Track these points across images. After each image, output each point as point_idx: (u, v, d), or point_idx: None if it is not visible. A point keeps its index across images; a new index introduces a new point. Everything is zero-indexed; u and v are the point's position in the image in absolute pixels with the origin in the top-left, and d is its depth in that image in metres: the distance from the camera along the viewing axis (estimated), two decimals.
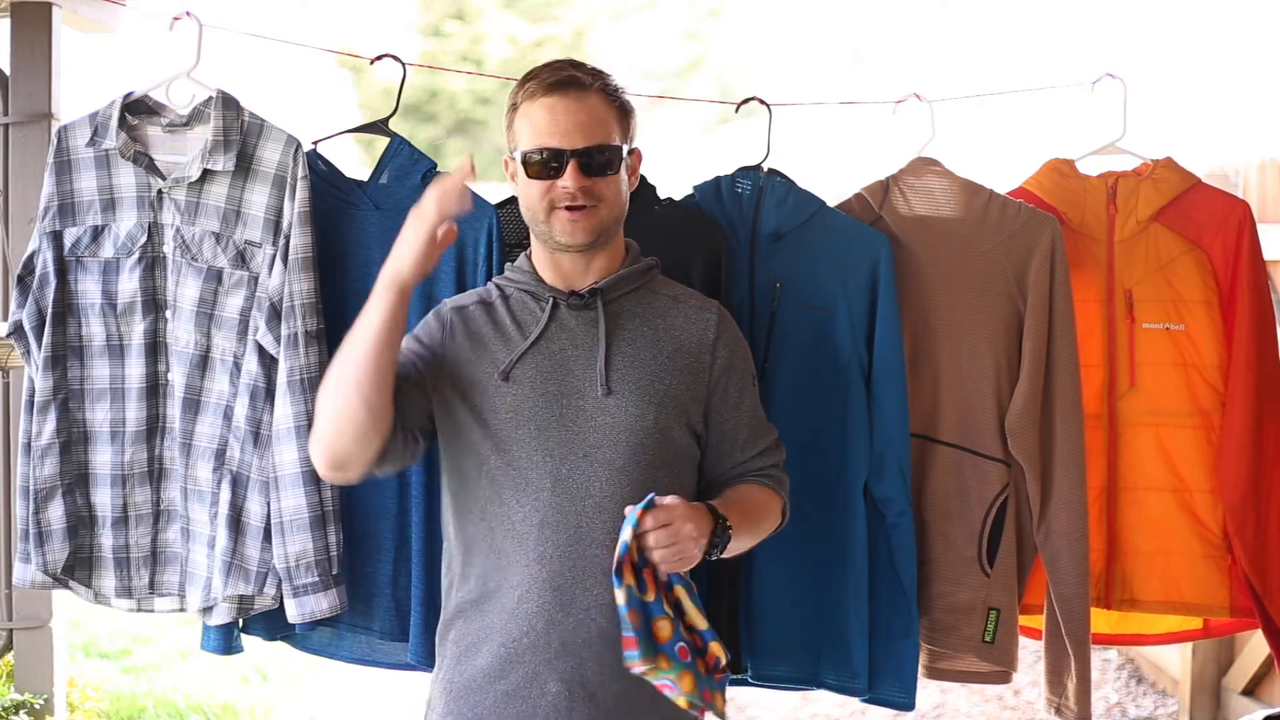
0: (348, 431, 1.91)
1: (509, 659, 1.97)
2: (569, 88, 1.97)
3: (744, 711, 4.77)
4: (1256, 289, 2.65)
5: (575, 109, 1.96)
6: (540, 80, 1.98)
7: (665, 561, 1.84)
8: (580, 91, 1.97)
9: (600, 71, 2.01)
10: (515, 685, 1.96)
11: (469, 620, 2.01)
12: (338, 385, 1.92)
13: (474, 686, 1.99)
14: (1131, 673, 5.04)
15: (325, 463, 1.96)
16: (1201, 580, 2.69)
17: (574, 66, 2.00)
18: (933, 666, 2.64)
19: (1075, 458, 2.55)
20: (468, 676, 2.00)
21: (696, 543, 1.86)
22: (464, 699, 2.00)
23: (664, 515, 1.84)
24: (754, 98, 2.62)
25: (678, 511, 1.85)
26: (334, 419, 1.92)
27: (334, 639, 2.57)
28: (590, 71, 2.00)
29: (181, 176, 2.45)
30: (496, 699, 1.97)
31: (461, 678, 2.01)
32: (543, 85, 1.98)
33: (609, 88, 2.01)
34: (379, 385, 1.90)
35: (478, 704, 1.99)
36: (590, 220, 1.98)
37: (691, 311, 2.07)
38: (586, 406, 1.98)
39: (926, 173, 2.61)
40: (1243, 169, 4.39)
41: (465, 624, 2.02)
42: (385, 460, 1.97)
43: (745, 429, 2.08)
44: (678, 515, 1.84)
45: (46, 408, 2.49)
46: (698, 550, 1.87)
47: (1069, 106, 2.94)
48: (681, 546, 1.84)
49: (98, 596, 2.57)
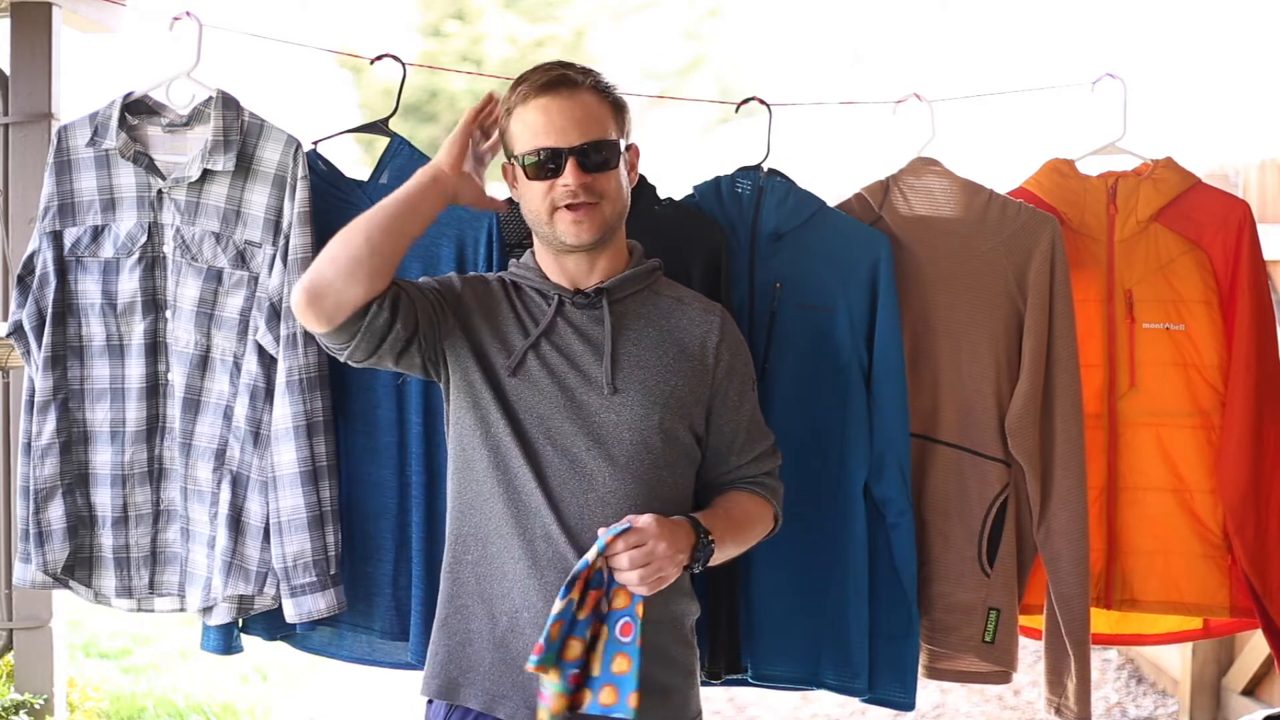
0: (340, 259, 1.91)
1: (509, 629, 1.98)
2: (561, 86, 1.98)
3: (744, 711, 4.76)
4: (1256, 289, 2.64)
5: (569, 107, 1.97)
6: (532, 82, 1.99)
7: (643, 582, 1.85)
8: (572, 89, 1.98)
9: (590, 69, 2.02)
10: (513, 655, 1.98)
11: (469, 611, 2.02)
12: (345, 229, 1.95)
13: (470, 650, 2.01)
14: (1131, 673, 5.04)
15: (304, 287, 1.92)
16: (1201, 580, 2.69)
17: (564, 66, 2.01)
18: (933, 666, 2.63)
19: (1075, 458, 2.55)
20: (461, 639, 2.02)
21: (673, 559, 1.88)
22: (456, 662, 2.02)
23: (635, 538, 1.86)
24: (754, 98, 2.62)
25: (651, 532, 1.86)
26: (330, 250, 1.94)
27: (334, 638, 2.57)
28: (581, 70, 2.01)
29: (181, 176, 2.45)
30: (493, 665, 1.99)
31: (453, 640, 2.02)
32: (534, 87, 1.98)
33: (600, 84, 2.01)
34: (387, 231, 1.93)
35: (472, 668, 2.00)
36: (594, 217, 1.98)
37: (695, 314, 2.08)
38: (592, 404, 1.98)
39: (926, 173, 2.61)
40: (1243, 169, 4.38)
41: (462, 616, 2.03)
42: (358, 323, 1.93)
43: (743, 433, 2.08)
44: (651, 535, 1.86)
45: (47, 408, 2.49)
46: (674, 567, 1.89)
47: (1069, 106, 2.94)
48: (657, 565, 1.86)
49: (98, 596, 2.57)
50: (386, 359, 1.99)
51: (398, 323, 1.95)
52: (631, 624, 1.87)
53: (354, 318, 1.92)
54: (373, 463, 2.51)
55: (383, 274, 1.92)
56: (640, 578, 1.85)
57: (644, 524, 1.87)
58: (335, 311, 1.92)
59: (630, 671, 1.86)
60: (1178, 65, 5.09)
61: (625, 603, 1.88)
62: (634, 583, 1.85)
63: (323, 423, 2.43)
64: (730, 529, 2.00)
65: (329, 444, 2.44)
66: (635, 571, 1.85)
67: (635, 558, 1.84)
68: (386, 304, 1.94)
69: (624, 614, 1.87)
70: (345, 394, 2.50)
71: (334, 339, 1.95)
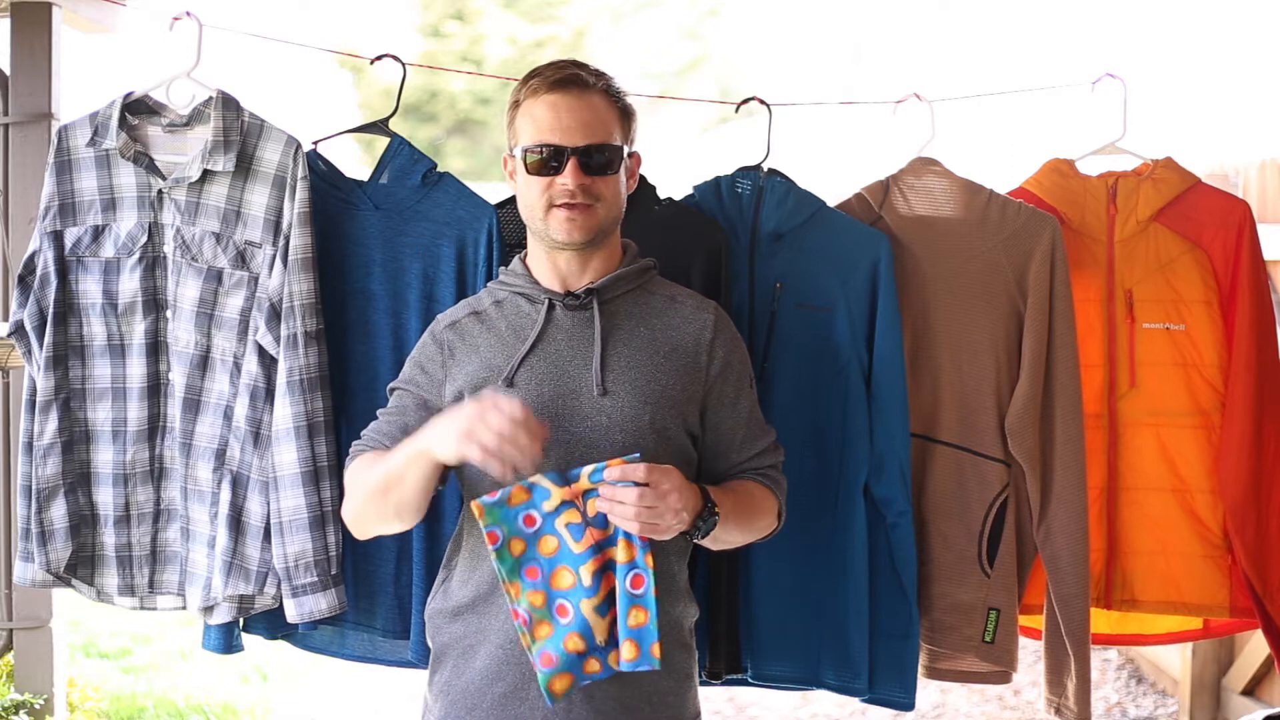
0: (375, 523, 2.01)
1: (506, 660, 1.96)
2: (572, 86, 1.97)
3: (744, 711, 4.76)
4: (1256, 289, 2.65)
5: (578, 107, 1.97)
6: (544, 78, 1.99)
7: (637, 519, 1.81)
8: (583, 90, 1.98)
9: (604, 73, 2.02)
10: (512, 687, 1.96)
11: (466, 623, 2.01)
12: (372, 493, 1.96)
13: (471, 689, 1.99)
14: (1131, 673, 5.05)
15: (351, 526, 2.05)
16: (1201, 580, 2.69)
17: (578, 66, 2.00)
18: (933, 666, 2.63)
19: (1075, 458, 2.55)
20: (465, 680, 2.00)
21: (677, 515, 1.84)
22: (461, 702, 2.00)
23: (660, 475, 1.83)
24: (754, 98, 2.62)
25: (673, 477, 1.84)
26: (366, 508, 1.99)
27: (336, 637, 2.57)
28: (594, 72, 2.01)
29: (182, 177, 2.45)
30: (494, 700, 1.97)
31: (459, 681, 2.00)
32: (546, 83, 1.98)
33: (612, 89, 2.01)
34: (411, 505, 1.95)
35: (475, 706, 1.98)
36: (588, 219, 1.98)
37: (688, 312, 2.07)
38: (582, 406, 1.97)
39: (926, 173, 2.61)
40: (1243, 169, 4.39)
41: (463, 626, 2.01)
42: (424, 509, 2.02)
43: (742, 430, 2.07)
44: (671, 482, 1.84)
45: (48, 407, 2.49)
46: (676, 523, 1.85)
47: (1069, 106, 2.94)
48: (659, 510, 1.82)
49: (100, 595, 2.57)
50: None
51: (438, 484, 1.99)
52: (643, 575, 1.84)
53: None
54: None
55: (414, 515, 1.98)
56: (636, 513, 1.81)
57: (666, 468, 1.85)
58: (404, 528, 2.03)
59: (649, 623, 1.83)
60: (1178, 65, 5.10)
61: (632, 555, 1.84)
62: (628, 517, 1.81)
63: (323, 423, 2.43)
64: (736, 509, 1.98)
65: (329, 444, 2.44)
66: (634, 506, 1.81)
67: (646, 495, 1.81)
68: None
69: (632, 566, 1.84)
70: (346, 394, 2.50)
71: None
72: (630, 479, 1.82)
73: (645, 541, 1.84)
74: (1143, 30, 5.60)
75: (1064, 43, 6.21)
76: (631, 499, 1.81)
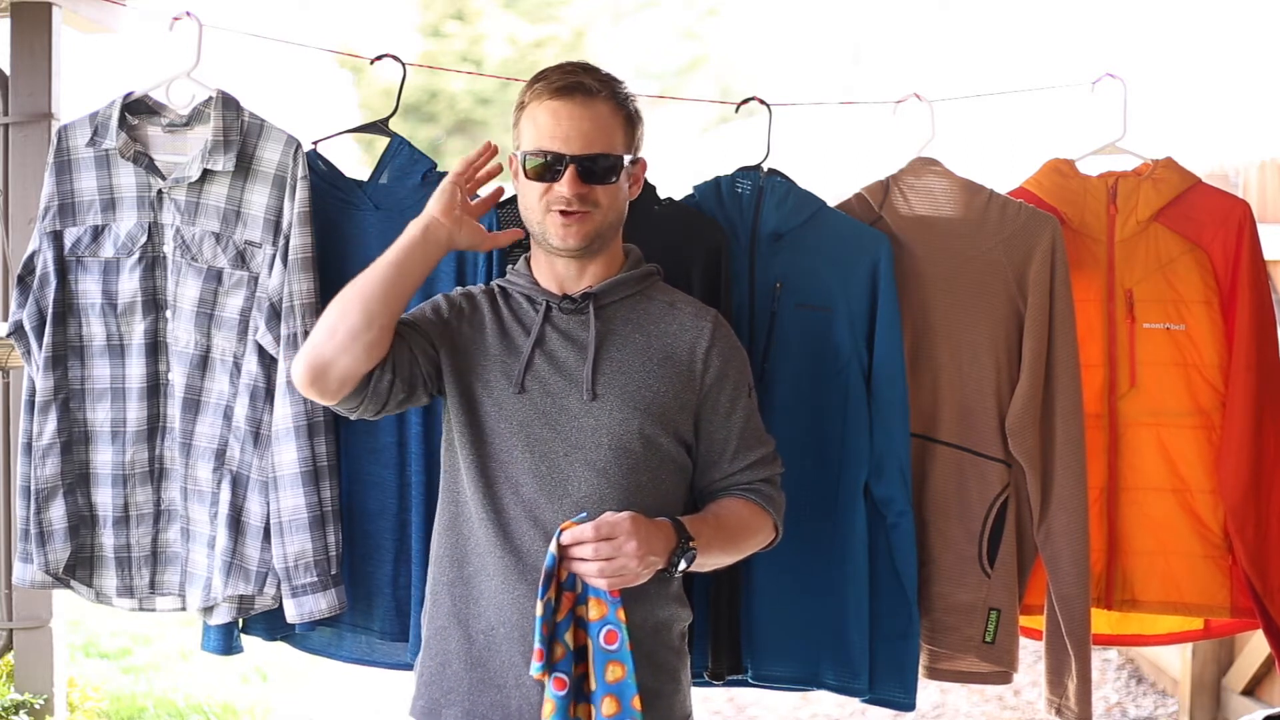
0: (340, 332, 1.92)
1: (486, 646, 1.98)
2: (575, 93, 1.96)
3: (744, 711, 4.77)
4: (1256, 289, 2.64)
5: (580, 115, 1.96)
6: (548, 82, 1.98)
7: (602, 575, 1.83)
8: (587, 98, 1.97)
9: (611, 79, 2.01)
10: (491, 673, 1.97)
11: (446, 633, 2.03)
12: (341, 297, 1.95)
13: (449, 672, 2.01)
14: (1131, 673, 5.04)
15: (305, 365, 1.95)
16: (1202, 580, 2.69)
17: (585, 71, 1.99)
18: (933, 667, 2.63)
19: (1075, 458, 2.55)
20: (441, 661, 2.02)
21: (641, 559, 1.84)
22: (437, 684, 2.01)
23: (606, 530, 1.83)
24: (754, 98, 2.62)
25: (623, 528, 1.84)
26: (327, 322, 1.94)
27: (334, 639, 2.57)
28: (601, 78, 1.99)
29: (181, 176, 2.45)
30: (471, 685, 1.99)
31: (434, 662, 2.03)
32: (550, 88, 1.98)
33: (618, 95, 2.00)
34: (384, 300, 1.92)
35: (452, 689, 2.00)
36: (584, 225, 1.98)
37: (686, 319, 2.06)
38: (572, 408, 1.98)
39: (926, 173, 2.61)
40: (1243, 169, 4.39)
41: (441, 638, 2.03)
42: (363, 391, 1.96)
43: (735, 440, 2.05)
44: (622, 531, 1.83)
45: (48, 408, 2.49)
46: (643, 567, 1.85)
47: (1069, 106, 2.94)
48: (620, 563, 1.83)
49: (99, 596, 2.57)
50: (392, 409, 2.02)
51: (399, 380, 1.98)
52: (616, 631, 1.85)
53: (359, 388, 1.95)
54: (373, 463, 2.51)
55: (381, 344, 1.94)
56: (600, 570, 1.82)
57: (616, 519, 1.84)
58: (340, 387, 1.95)
59: (626, 678, 1.85)
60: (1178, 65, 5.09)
61: (603, 611, 1.85)
62: (593, 574, 1.83)
63: (323, 423, 2.43)
64: (718, 535, 1.97)
65: (329, 444, 2.44)
66: (596, 564, 1.82)
67: (601, 549, 1.82)
68: (388, 366, 1.96)
69: (604, 623, 1.85)
70: None
71: (340, 406, 1.99)
72: (580, 540, 1.83)
73: (615, 597, 1.85)
74: (1143, 30, 5.60)
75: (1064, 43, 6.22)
76: (589, 555, 1.82)
